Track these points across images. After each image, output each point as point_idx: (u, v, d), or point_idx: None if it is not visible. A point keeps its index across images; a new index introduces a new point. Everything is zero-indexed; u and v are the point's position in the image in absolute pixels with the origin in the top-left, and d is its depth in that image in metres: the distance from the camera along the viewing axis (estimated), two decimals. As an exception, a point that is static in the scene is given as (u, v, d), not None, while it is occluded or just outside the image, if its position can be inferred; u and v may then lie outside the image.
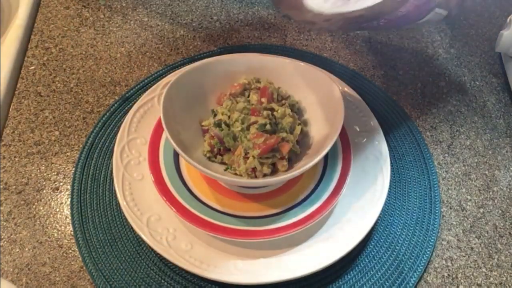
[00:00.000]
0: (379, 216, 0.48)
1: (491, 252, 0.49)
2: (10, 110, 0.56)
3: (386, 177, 0.49)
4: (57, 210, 0.49)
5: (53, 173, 0.52)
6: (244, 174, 0.45)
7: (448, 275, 0.47)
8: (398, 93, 0.61)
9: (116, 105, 0.57)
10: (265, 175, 0.45)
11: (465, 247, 0.49)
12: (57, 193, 0.50)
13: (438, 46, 0.67)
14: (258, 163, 0.44)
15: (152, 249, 0.46)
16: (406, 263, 0.47)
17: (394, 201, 0.51)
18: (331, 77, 0.55)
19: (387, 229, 0.49)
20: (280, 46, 0.65)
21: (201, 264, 0.43)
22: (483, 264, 0.48)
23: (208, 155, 0.47)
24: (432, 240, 0.49)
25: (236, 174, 0.46)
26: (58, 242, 0.47)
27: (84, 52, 0.62)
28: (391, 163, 0.51)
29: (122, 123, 0.52)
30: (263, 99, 0.48)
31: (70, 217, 0.48)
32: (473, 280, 0.47)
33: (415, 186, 0.52)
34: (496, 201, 0.53)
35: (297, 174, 0.43)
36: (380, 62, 0.64)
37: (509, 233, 0.50)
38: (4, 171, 0.51)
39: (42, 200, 0.50)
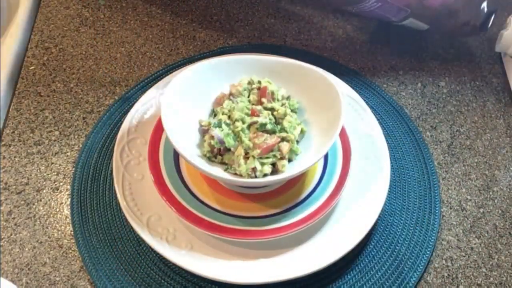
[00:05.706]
0: (379, 216, 0.48)
1: (491, 252, 0.49)
2: (10, 110, 0.56)
3: (386, 177, 0.49)
4: (57, 210, 0.49)
5: (53, 173, 0.52)
6: (244, 174, 0.45)
7: (448, 275, 0.47)
8: (398, 93, 0.61)
9: (116, 105, 0.57)
10: (265, 175, 0.45)
11: (465, 247, 0.49)
12: (57, 193, 0.50)
13: (438, 46, 0.67)
14: (258, 163, 0.44)
15: (152, 249, 0.46)
16: (406, 263, 0.47)
17: (394, 201, 0.51)
18: (331, 77, 0.55)
19: (387, 229, 0.49)
20: (280, 46, 0.65)
21: (201, 264, 0.43)
22: (483, 264, 0.48)
23: (208, 155, 0.47)
24: (432, 240, 0.49)
25: (236, 174, 0.46)
26: (58, 242, 0.47)
27: (84, 52, 0.62)
28: (391, 163, 0.52)
29: (122, 123, 0.52)
30: (263, 99, 0.48)
31: (70, 217, 0.48)
32: (473, 280, 0.47)
33: (415, 186, 0.52)
34: (496, 201, 0.53)
35: (297, 174, 0.43)
36: (380, 62, 0.64)
37: (509, 233, 0.50)
38: (4, 171, 0.51)
39: (42, 200, 0.50)
